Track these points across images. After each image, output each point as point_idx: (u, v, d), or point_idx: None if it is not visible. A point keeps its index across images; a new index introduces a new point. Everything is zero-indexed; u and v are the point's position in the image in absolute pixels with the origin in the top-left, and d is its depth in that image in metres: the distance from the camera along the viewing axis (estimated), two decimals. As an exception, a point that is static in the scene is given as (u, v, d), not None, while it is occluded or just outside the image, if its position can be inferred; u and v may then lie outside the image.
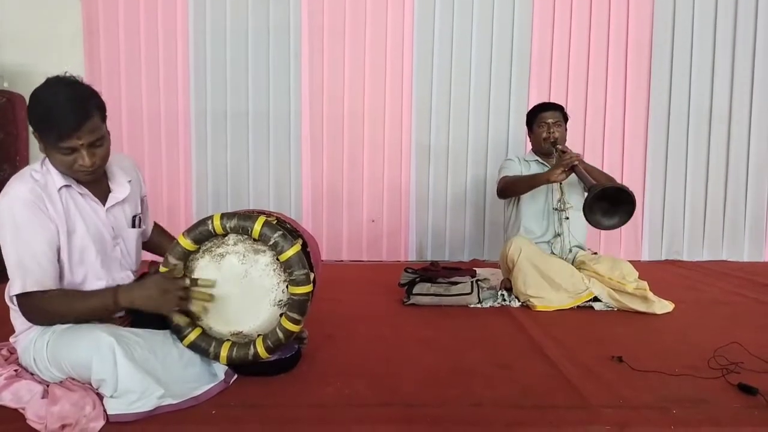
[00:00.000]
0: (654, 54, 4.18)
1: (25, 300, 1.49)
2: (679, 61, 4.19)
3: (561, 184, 2.84)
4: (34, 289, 1.47)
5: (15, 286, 1.47)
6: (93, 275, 1.60)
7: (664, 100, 4.22)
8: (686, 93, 4.22)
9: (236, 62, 4.09)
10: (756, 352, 1.95)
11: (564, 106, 3.05)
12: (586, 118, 4.19)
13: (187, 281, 1.53)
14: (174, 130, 4.12)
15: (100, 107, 1.52)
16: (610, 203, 2.59)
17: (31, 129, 1.49)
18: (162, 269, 1.59)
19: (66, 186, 1.55)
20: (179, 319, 1.58)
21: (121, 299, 1.51)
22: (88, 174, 1.53)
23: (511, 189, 2.91)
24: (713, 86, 4.22)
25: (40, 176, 1.53)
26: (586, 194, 2.64)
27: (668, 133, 4.24)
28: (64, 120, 1.42)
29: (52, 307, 1.49)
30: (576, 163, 2.66)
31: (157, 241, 1.99)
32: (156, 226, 2.02)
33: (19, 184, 1.50)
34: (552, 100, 3.52)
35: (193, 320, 1.62)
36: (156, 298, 1.50)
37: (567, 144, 2.97)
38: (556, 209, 2.90)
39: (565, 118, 3.01)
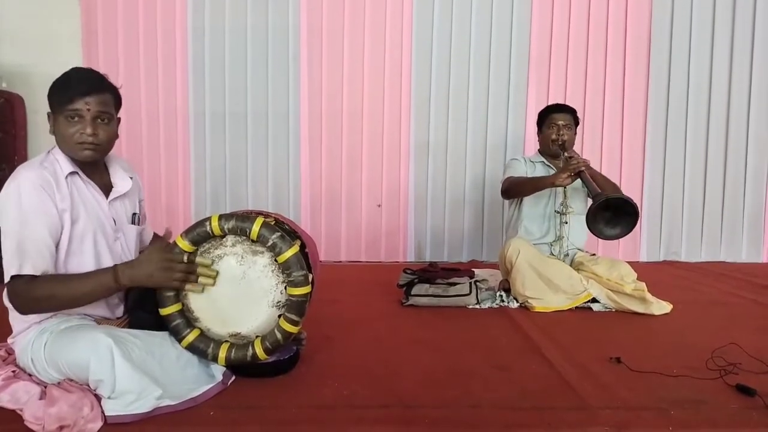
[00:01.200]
0: (653, 54, 4.18)
1: (14, 285, 1.45)
2: (677, 62, 4.19)
3: (565, 188, 2.84)
4: (29, 273, 1.44)
5: (11, 269, 1.44)
6: (91, 268, 1.57)
7: (662, 101, 4.23)
8: (684, 94, 4.22)
9: (235, 62, 4.09)
10: (754, 353, 1.95)
11: (576, 110, 3.04)
12: (584, 120, 4.18)
13: (185, 257, 1.54)
14: (173, 131, 4.11)
15: (116, 95, 1.62)
16: (614, 213, 2.60)
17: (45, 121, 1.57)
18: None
19: (72, 173, 1.56)
20: (172, 297, 1.59)
21: (121, 277, 1.50)
22: (89, 148, 1.54)
23: (516, 190, 2.92)
24: (711, 87, 4.22)
25: (48, 164, 1.55)
26: (589, 200, 2.65)
27: (666, 134, 4.25)
28: (78, 83, 1.53)
29: (42, 291, 1.45)
30: (582, 169, 2.66)
31: None
32: (155, 235, 2.01)
33: (28, 170, 1.51)
34: (551, 102, 3.53)
35: (191, 323, 1.62)
36: (157, 276, 1.52)
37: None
38: (558, 212, 2.90)
39: (576, 122, 3.01)
